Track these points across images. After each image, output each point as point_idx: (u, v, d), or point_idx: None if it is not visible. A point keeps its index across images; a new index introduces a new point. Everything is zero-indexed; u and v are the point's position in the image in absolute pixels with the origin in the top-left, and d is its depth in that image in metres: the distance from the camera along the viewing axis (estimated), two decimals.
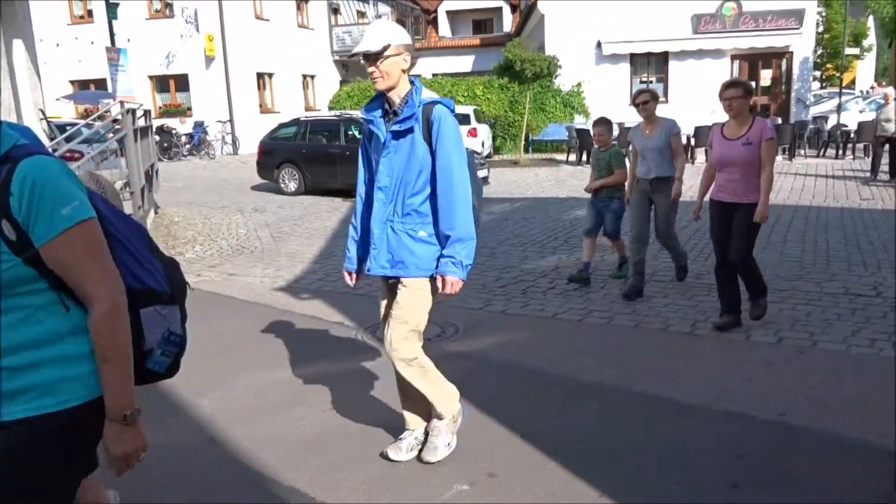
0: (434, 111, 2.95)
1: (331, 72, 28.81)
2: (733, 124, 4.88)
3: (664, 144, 5.84)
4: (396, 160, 3.01)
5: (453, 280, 3.01)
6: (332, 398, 4.15)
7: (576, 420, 3.78)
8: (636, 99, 5.94)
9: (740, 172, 4.80)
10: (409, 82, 3.04)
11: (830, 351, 4.61)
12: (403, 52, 2.95)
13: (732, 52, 21.55)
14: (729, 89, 4.77)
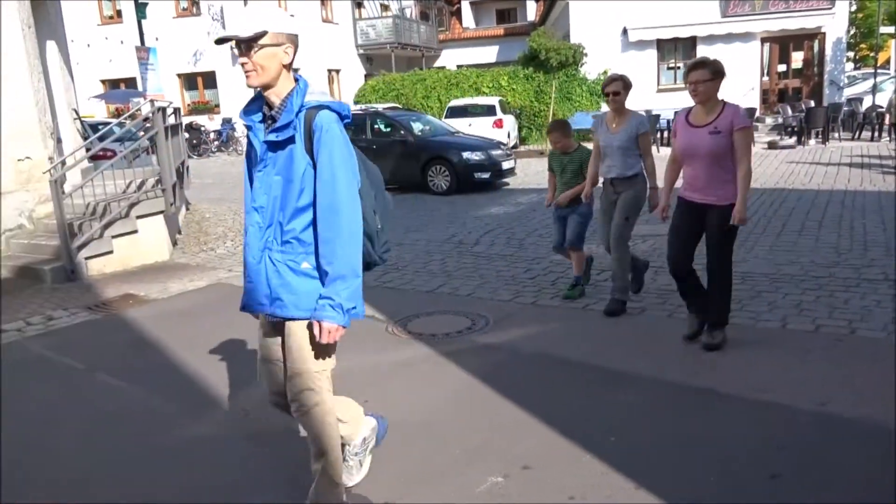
0: (318, 118, 2.43)
1: (355, 65, 28.88)
2: (700, 111, 4.29)
3: (629, 143, 5.22)
4: (274, 176, 2.50)
5: (330, 327, 2.45)
6: (367, 391, 4.16)
7: (610, 411, 3.75)
8: (606, 87, 5.27)
9: (706, 166, 4.22)
10: (292, 80, 2.53)
11: (870, 339, 4.51)
12: (284, 42, 2.47)
13: (763, 35, 21.13)
14: (694, 71, 4.21)
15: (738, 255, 6.72)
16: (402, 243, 8.39)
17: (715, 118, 4.20)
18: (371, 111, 14.08)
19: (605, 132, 5.36)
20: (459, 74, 22.95)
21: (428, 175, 12.49)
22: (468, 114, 18.54)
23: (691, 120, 4.33)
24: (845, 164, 12.98)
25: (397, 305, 5.85)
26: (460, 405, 3.93)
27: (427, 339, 5.02)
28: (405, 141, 12.83)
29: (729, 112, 4.20)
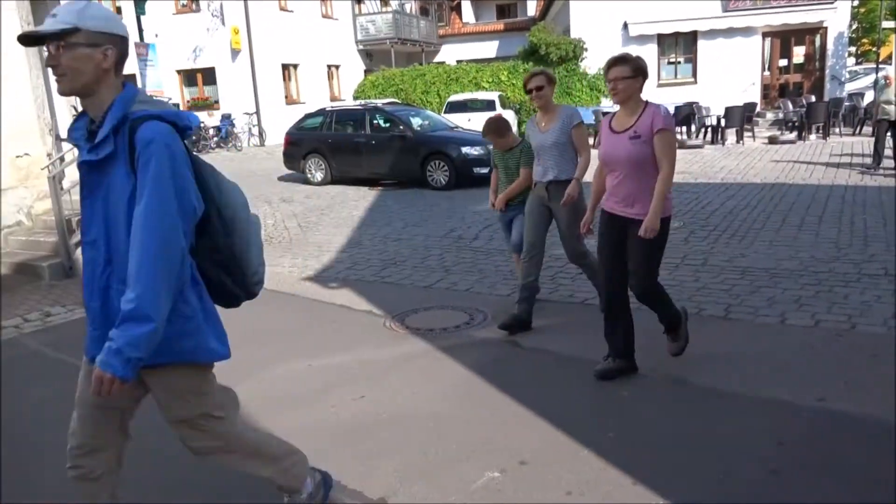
0: (141, 130, 2.01)
1: (355, 61, 28.81)
2: (622, 114, 3.88)
3: (563, 139, 4.76)
4: (100, 202, 2.10)
5: (103, 376, 1.95)
6: (364, 386, 4.15)
7: (608, 407, 3.74)
8: (528, 84, 4.80)
9: (629, 175, 3.81)
10: (119, 86, 2.11)
11: (870, 334, 4.49)
12: (104, 43, 2.05)
13: (764, 30, 21.07)
14: (613, 67, 3.80)
15: (737, 250, 6.72)
16: (401, 238, 8.37)
17: (635, 121, 3.79)
18: (370, 106, 14.04)
19: (536, 132, 4.90)
20: (459, 69, 22.89)
21: (427, 170, 12.46)
22: (468, 109, 18.50)
23: (613, 125, 3.93)
24: (846, 159, 12.94)
25: (395, 300, 5.83)
26: (458, 400, 3.91)
27: (425, 333, 5.00)
28: (404, 136, 12.80)
29: (649, 114, 3.78)
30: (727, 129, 17.07)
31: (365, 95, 22.78)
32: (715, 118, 17.52)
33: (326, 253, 7.81)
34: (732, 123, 16.90)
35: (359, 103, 15.70)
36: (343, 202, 11.49)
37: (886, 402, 3.51)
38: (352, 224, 9.53)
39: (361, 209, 10.71)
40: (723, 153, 15.30)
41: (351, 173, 13.44)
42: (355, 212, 10.50)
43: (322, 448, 3.42)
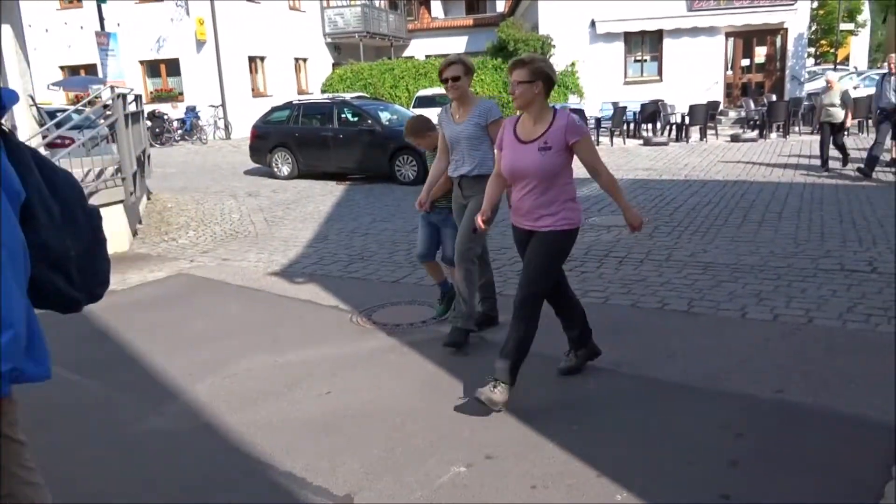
0: None
1: (323, 54, 28.58)
2: (527, 121, 3.62)
3: (478, 133, 4.44)
4: None
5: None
6: (329, 382, 4.14)
7: (573, 400, 3.78)
8: (443, 72, 4.43)
9: (537, 188, 3.56)
10: None
11: (826, 327, 4.60)
12: None
13: (727, 30, 21.42)
14: (514, 69, 3.54)
15: (699, 245, 6.83)
16: (368, 233, 8.34)
17: (544, 131, 3.54)
18: (338, 100, 13.95)
19: (450, 123, 4.54)
20: (428, 64, 22.88)
21: (395, 165, 12.43)
22: (437, 104, 18.43)
23: (519, 133, 3.63)
24: (805, 159, 13.22)
25: (362, 295, 5.81)
26: (424, 395, 3.92)
27: (392, 329, 5.00)
28: (372, 130, 12.75)
29: (561, 124, 3.53)
30: (691, 126, 17.33)
31: (333, 89, 22.65)
32: (679, 116, 17.76)
33: (293, 247, 7.75)
34: (696, 121, 17.15)
35: (327, 97, 15.60)
36: (310, 196, 11.41)
37: (841, 394, 3.61)
38: (319, 218, 9.47)
39: (328, 204, 10.65)
40: (687, 150, 15.53)
41: (318, 167, 13.35)
42: (322, 206, 10.44)
43: (287, 444, 3.41)
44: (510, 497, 2.89)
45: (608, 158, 14.56)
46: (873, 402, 3.50)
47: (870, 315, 4.74)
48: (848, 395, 3.59)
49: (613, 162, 13.99)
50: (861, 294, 5.17)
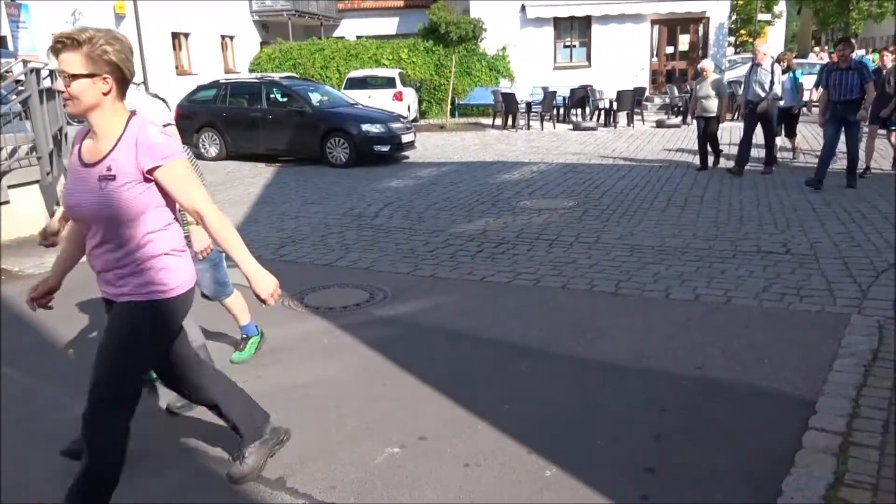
0: None
1: (250, 32, 27.82)
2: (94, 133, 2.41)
3: None
4: None
5: None
6: (261, 366, 4.09)
7: (505, 381, 3.85)
8: None
9: (107, 238, 2.42)
10: None
11: (744, 306, 4.82)
12: None
13: (652, 17, 21.91)
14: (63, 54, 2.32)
15: (626, 228, 7.03)
16: (300, 216, 8.23)
17: (109, 151, 2.36)
18: (267, 80, 13.64)
19: None
20: (359, 45, 22.58)
21: (326, 147, 12.27)
22: (368, 86, 18.31)
23: (84, 153, 2.44)
24: (724, 146, 13.72)
25: (294, 279, 5.74)
26: (358, 378, 3.92)
27: (325, 312, 4.97)
28: (303, 112, 12.54)
29: (130, 140, 2.36)
30: (619, 112, 17.73)
31: (261, 69, 22.12)
32: (608, 101, 18.13)
33: None
34: (624, 107, 17.56)
35: (255, 76, 15.23)
36: (239, 179, 11.16)
37: (757, 370, 3.80)
38: (248, 201, 9.28)
39: (258, 186, 10.44)
40: (615, 135, 15.89)
41: (247, 149, 13.06)
42: (252, 188, 10.23)
43: (216, 430, 3.36)
44: (444, 476, 2.94)
45: (539, 143, 14.83)
46: (786, 377, 3.70)
47: (784, 294, 4.99)
48: (763, 371, 3.79)
49: (544, 146, 14.21)
50: (776, 274, 5.43)
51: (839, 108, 8.54)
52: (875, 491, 2.68)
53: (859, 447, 2.97)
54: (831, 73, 8.64)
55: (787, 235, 6.56)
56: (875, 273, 5.35)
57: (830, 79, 8.63)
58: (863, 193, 8.34)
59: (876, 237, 6.35)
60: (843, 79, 8.48)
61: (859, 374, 3.66)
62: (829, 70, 8.78)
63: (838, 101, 8.53)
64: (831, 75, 8.62)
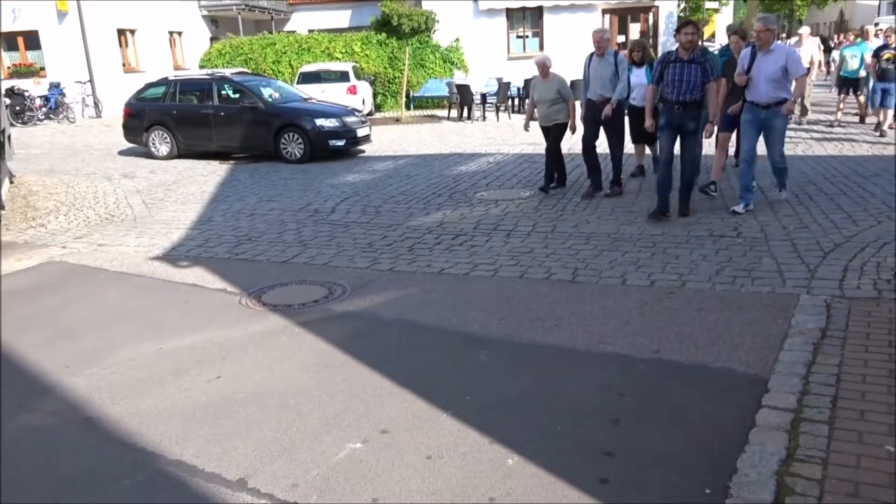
0: None
1: (200, 28, 27.30)
2: None
3: None
4: None
5: None
6: (219, 367, 4.03)
7: (465, 372, 3.86)
8: None
9: None
10: None
11: (697, 290, 4.92)
12: None
13: (603, 7, 22.11)
14: None
15: (582, 217, 7.10)
16: (255, 213, 8.12)
17: None
18: (217, 76, 13.39)
19: None
20: (311, 39, 22.30)
21: (280, 143, 12.12)
22: (321, 80, 18.10)
23: None
24: None
25: (251, 277, 5.68)
26: (317, 375, 3.89)
27: (283, 309, 4.92)
28: (255, 107, 12.35)
29: None
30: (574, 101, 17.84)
31: (212, 64, 21.70)
32: None
33: (175, 230, 7.44)
34: (578, 96, 17.68)
35: (205, 73, 14.93)
36: (192, 177, 10.96)
37: (711, 351, 3.88)
38: (202, 200, 9.12)
39: (212, 184, 10.27)
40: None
41: (199, 147, 12.81)
42: (205, 187, 10.05)
43: (176, 432, 3.31)
44: (406, 469, 2.94)
45: (495, 134, 14.86)
46: (739, 357, 3.79)
47: (735, 277, 5.10)
48: (716, 352, 3.87)
49: (500, 137, 14.26)
50: (728, 258, 5.55)
51: (675, 112, 6.68)
52: (825, 465, 2.76)
53: (810, 423, 3.06)
54: (668, 66, 6.72)
55: (739, 220, 6.69)
56: (822, 253, 5.50)
57: (666, 73, 6.71)
58: (813, 173, 8.53)
59: (822, 218, 6.52)
60: (681, 73, 6.60)
61: (808, 352, 3.76)
62: (664, 61, 6.82)
63: (675, 102, 6.65)
64: (668, 68, 6.71)
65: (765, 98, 6.72)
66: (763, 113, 6.78)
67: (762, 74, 6.67)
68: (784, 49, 6.82)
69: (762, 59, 6.69)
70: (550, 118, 8.50)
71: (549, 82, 8.48)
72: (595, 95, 8.14)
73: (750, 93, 6.85)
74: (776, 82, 6.65)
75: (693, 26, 6.72)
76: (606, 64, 8.02)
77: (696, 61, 6.60)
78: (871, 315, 4.22)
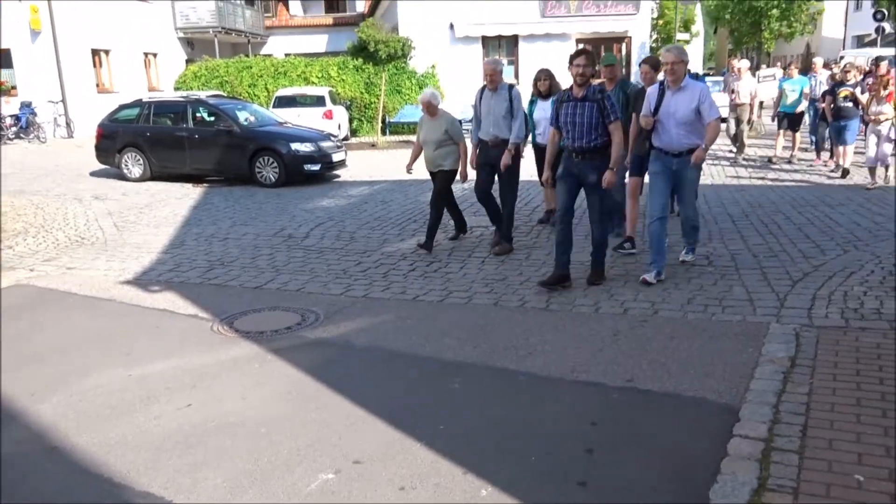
0: None
1: (175, 50, 27.24)
2: None
3: None
4: None
5: None
6: (189, 394, 3.97)
7: (439, 400, 3.85)
8: None
9: None
10: None
11: (670, 318, 4.97)
12: None
13: (577, 36, 22.51)
14: None
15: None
16: (228, 237, 8.06)
17: None
18: (192, 99, 13.34)
19: None
20: (287, 63, 22.37)
21: (255, 167, 12.07)
22: (297, 104, 18.13)
23: None
24: None
25: (223, 303, 5.62)
26: (290, 404, 3.85)
27: (255, 336, 4.87)
28: (230, 131, 12.31)
29: None
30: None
31: (187, 87, 21.63)
32: None
33: (146, 254, 7.35)
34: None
35: (180, 95, 14.87)
36: (164, 200, 10.86)
37: (683, 380, 3.91)
38: (174, 223, 9.03)
39: (185, 207, 10.18)
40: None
41: (173, 169, 12.71)
42: (178, 210, 9.96)
43: (144, 462, 3.25)
44: (379, 501, 2.91)
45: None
46: (711, 385, 3.82)
47: (707, 305, 5.17)
48: (688, 381, 3.90)
49: None
50: (699, 286, 5.61)
51: (574, 160, 5.65)
52: (796, 494, 2.79)
53: (780, 452, 3.09)
54: (562, 106, 5.69)
55: (710, 248, 6.79)
56: (791, 282, 5.60)
57: (561, 114, 5.69)
58: (780, 204, 8.69)
59: (790, 247, 6.64)
60: (574, 113, 5.56)
61: (779, 380, 3.81)
62: (559, 100, 5.80)
63: (572, 149, 5.63)
64: (562, 108, 5.68)
65: (675, 144, 5.66)
66: (674, 162, 5.70)
67: (671, 117, 5.61)
68: (698, 87, 5.64)
69: (672, 98, 5.61)
70: (437, 162, 7.29)
71: (436, 121, 7.25)
72: (488, 136, 7.00)
73: (658, 137, 5.76)
74: (688, 126, 5.59)
75: (585, 57, 5.61)
76: (500, 99, 6.91)
77: (591, 99, 5.51)
78: (838, 344, 4.29)
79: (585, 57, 5.59)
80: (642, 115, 5.83)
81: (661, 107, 5.67)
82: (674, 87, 5.62)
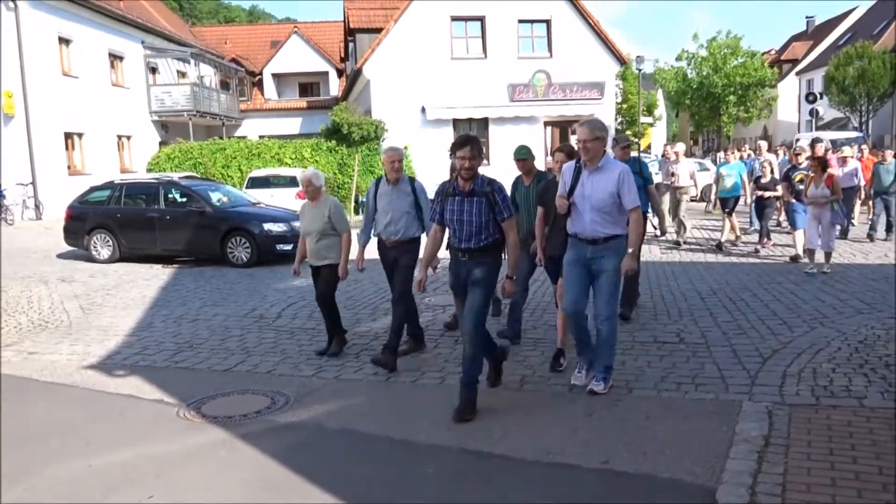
0: None
1: (149, 132, 27.50)
2: None
3: None
4: None
5: None
6: (152, 485, 3.82)
7: (412, 486, 3.75)
8: None
9: None
10: None
11: (644, 396, 4.95)
12: None
13: (545, 119, 23.28)
14: None
15: (528, 323, 7.15)
16: (198, 318, 7.94)
17: None
18: (164, 180, 13.39)
19: None
20: (261, 145, 22.67)
21: (227, 247, 12.04)
22: (270, 185, 18.26)
23: None
24: None
25: (190, 387, 5.49)
26: (258, 492, 3.72)
27: (223, 421, 4.74)
28: (203, 211, 12.32)
29: None
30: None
31: (160, 168, 21.73)
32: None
33: (112, 337, 7.19)
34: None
35: (153, 176, 14.93)
36: (133, 281, 10.72)
37: (659, 461, 3.87)
38: (142, 305, 8.90)
39: (154, 288, 10.05)
40: None
41: (142, 250, 12.62)
42: (147, 291, 9.83)
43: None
44: None
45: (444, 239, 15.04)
46: (686, 466, 3.78)
47: (680, 383, 5.17)
48: (664, 462, 3.86)
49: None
50: (672, 364, 5.63)
51: (461, 261, 4.89)
52: None
53: None
54: (447, 200, 4.87)
55: (681, 325, 6.85)
56: (761, 359, 5.64)
57: (447, 210, 4.86)
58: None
59: (759, 324, 6.73)
60: (461, 210, 4.78)
61: (753, 460, 3.79)
62: (442, 193, 4.92)
63: (458, 249, 4.88)
64: (447, 203, 4.86)
65: (588, 231, 4.92)
66: (588, 250, 4.93)
67: (587, 200, 4.89)
68: (618, 167, 4.92)
69: (588, 178, 4.91)
70: (321, 255, 6.44)
71: (317, 207, 6.34)
72: (388, 235, 6.18)
73: (572, 223, 5.03)
74: (604, 212, 4.87)
75: (471, 147, 4.65)
76: (401, 195, 6.16)
77: (479, 193, 4.71)
78: (810, 422, 4.30)
79: (471, 148, 4.65)
80: (557, 195, 5.10)
81: (576, 188, 4.95)
82: (590, 167, 4.90)
